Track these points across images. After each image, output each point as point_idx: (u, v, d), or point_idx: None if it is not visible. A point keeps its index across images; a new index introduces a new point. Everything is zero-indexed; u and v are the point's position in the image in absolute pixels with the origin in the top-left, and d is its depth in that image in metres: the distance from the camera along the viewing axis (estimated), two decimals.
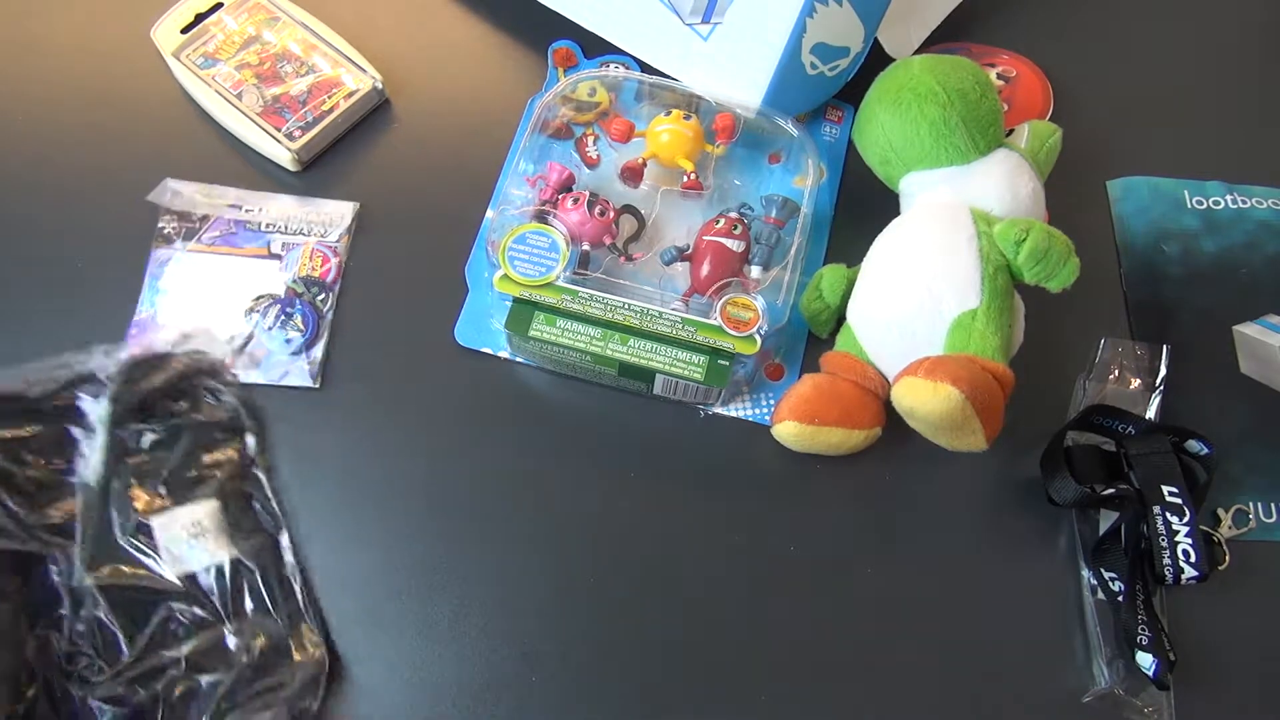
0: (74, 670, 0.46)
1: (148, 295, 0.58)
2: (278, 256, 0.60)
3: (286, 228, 0.60)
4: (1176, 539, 0.50)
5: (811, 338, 0.59)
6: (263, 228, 0.60)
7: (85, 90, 0.65)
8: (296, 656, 0.48)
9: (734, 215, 0.57)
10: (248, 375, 0.56)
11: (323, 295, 0.58)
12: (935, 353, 0.50)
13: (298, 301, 0.57)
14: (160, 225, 0.60)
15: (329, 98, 0.63)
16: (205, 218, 0.60)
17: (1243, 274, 0.62)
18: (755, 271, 0.57)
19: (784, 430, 0.53)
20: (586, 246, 0.56)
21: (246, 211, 0.60)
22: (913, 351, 0.51)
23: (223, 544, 0.49)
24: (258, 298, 0.58)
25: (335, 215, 0.61)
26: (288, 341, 0.57)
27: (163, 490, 0.50)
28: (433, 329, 0.58)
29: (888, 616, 0.52)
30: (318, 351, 0.57)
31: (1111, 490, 0.52)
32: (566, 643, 0.50)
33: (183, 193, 0.61)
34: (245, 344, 0.57)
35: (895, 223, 0.56)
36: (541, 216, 0.57)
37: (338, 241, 0.60)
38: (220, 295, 0.58)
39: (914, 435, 0.51)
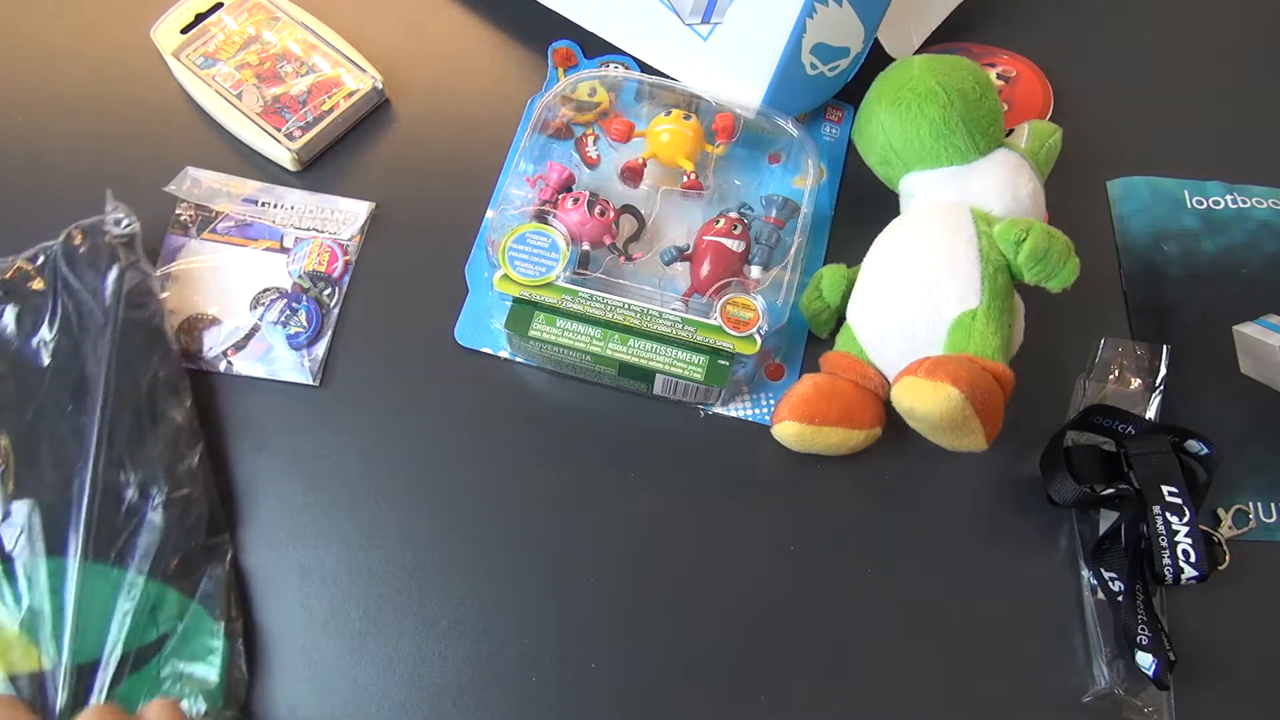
0: None
1: (158, 281, 0.58)
2: (289, 251, 0.60)
3: (301, 223, 0.60)
4: (1176, 539, 0.50)
5: (811, 338, 0.59)
6: (277, 221, 0.60)
7: (85, 90, 0.65)
8: None
9: (734, 215, 0.57)
10: (251, 369, 0.56)
11: (329, 290, 0.58)
12: (935, 353, 0.50)
13: (303, 298, 0.58)
14: (177, 212, 0.60)
15: (329, 98, 0.63)
16: (222, 209, 0.60)
17: (1243, 274, 0.62)
18: (755, 271, 0.57)
19: (784, 430, 0.53)
20: (586, 246, 0.56)
21: (263, 205, 0.61)
22: (913, 352, 0.51)
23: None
24: (264, 290, 0.58)
25: (350, 213, 0.61)
26: (290, 337, 0.57)
27: None
28: (433, 329, 0.58)
29: (887, 616, 0.52)
30: (319, 349, 0.57)
31: (1111, 490, 0.52)
32: (566, 643, 0.50)
33: (201, 181, 0.61)
34: (249, 336, 0.57)
35: (895, 223, 0.56)
36: (541, 216, 0.57)
37: (349, 240, 0.60)
38: (229, 285, 0.59)
39: (914, 435, 0.51)
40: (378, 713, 0.49)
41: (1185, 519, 0.50)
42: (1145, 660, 0.49)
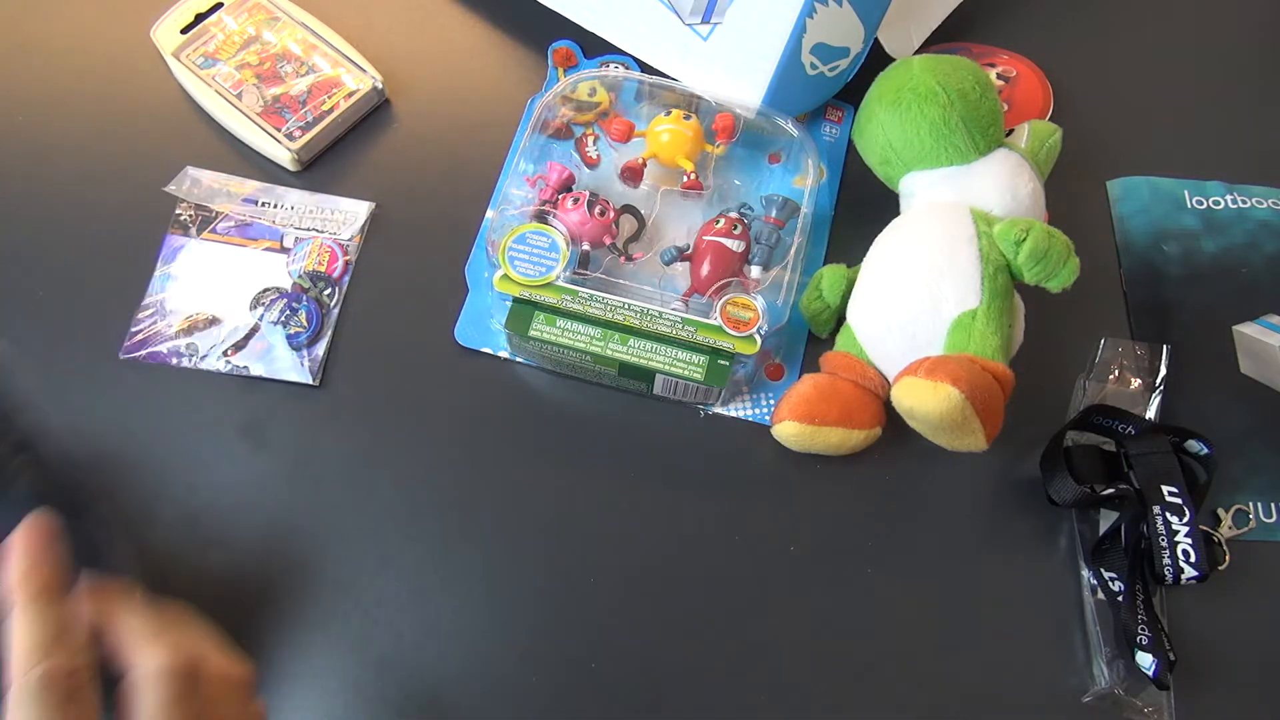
0: None
1: (158, 280, 0.58)
2: (289, 251, 0.60)
3: (301, 223, 0.60)
4: (1176, 539, 0.50)
5: (811, 338, 0.59)
6: (277, 221, 0.60)
7: (85, 90, 0.65)
8: None
9: (734, 215, 0.57)
10: (251, 369, 0.56)
11: (329, 290, 0.58)
12: (935, 353, 0.50)
13: (304, 298, 0.58)
14: (177, 212, 0.60)
15: (329, 98, 0.63)
16: (222, 209, 0.60)
17: (1243, 274, 0.62)
18: (755, 271, 0.57)
19: (784, 430, 0.53)
20: (586, 246, 0.56)
21: (263, 205, 0.61)
22: (913, 352, 0.51)
23: None
24: (264, 290, 0.58)
25: (350, 213, 0.61)
26: (290, 337, 0.57)
27: None
28: (433, 329, 0.58)
29: (887, 616, 0.52)
30: (319, 349, 0.57)
31: (1111, 490, 0.52)
32: (566, 643, 0.50)
33: (201, 181, 0.61)
34: (249, 336, 0.57)
35: (895, 223, 0.56)
36: (541, 216, 0.57)
37: (349, 240, 0.60)
38: (228, 285, 0.59)
39: (914, 435, 0.51)
40: (378, 713, 0.49)
41: (1185, 519, 0.50)
42: (1145, 660, 0.49)
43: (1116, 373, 0.57)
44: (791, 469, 0.55)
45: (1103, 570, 0.52)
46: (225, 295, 0.58)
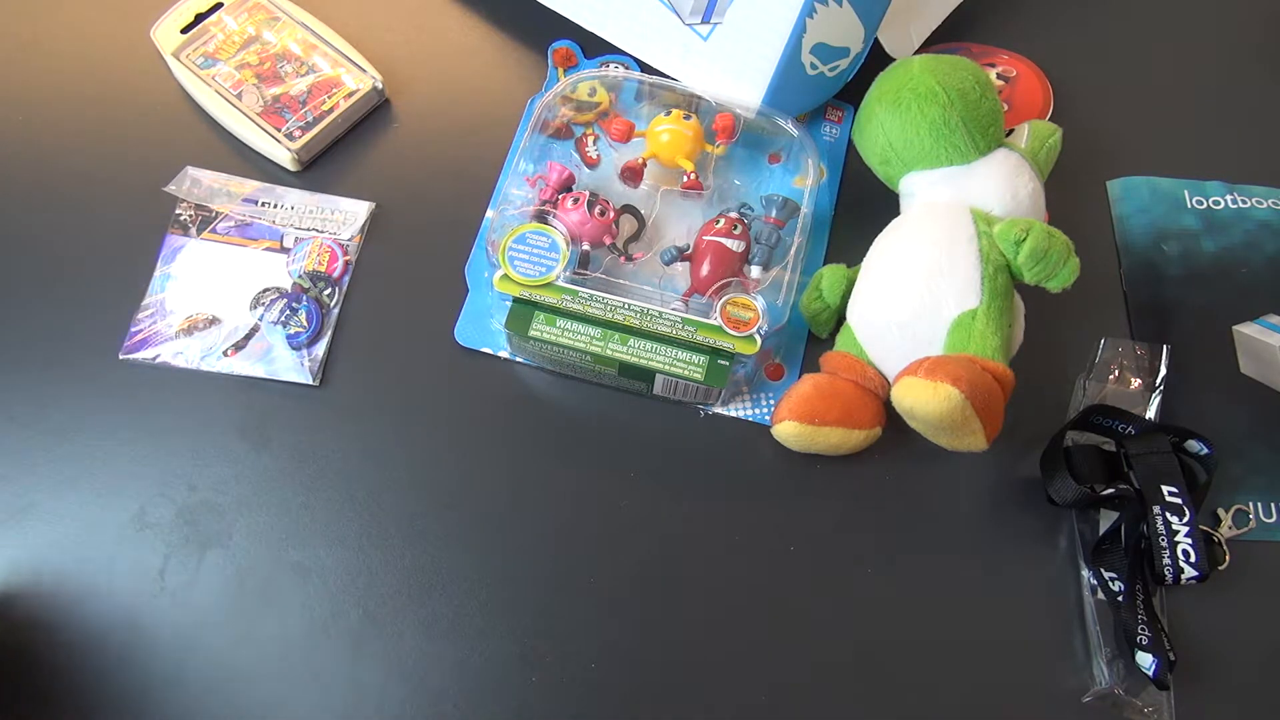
0: None
1: (158, 280, 0.58)
2: (289, 251, 0.60)
3: (301, 223, 0.60)
4: (1176, 539, 0.50)
5: (811, 338, 0.59)
6: (277, 222, 0.60)
7: (85, 90, 0.65)
8: None
9: (734, 215, 0.57)
10: (251, 369, 0.56)
11: (329, 290, 0.58)
12: (935, 353, 0.50)
13: (304, 298, 0.58)
14: (177, 212, 0.60)
15: (329, 98, 0.63)
16: (222, 209, 0.60)
17: (1243, 274, 0.62)
18: (755, 271, 0.57)
19: (784, 430, 0.53)
20: (586, 246, 0.56)
21: (263, 205, 0.61)
22: (913, 352, 0.51)
23: None
24: (264, 290, 0.58)
25: (350, 213, 0.61)
26: (290, 337, 0.57)
27: None
28: (433, 329, 0.58)
29: (887, 616, 0.52)
30: (319, 349, 0.57)
31: (1111, 490, 0.52)
32: (566, 643, 0.50)
33: (201, 181, 0.61)
34: (249, 336, 0.57)
35: (895, 223, 0.56)
36: (541, 216, 0.57)
37: (349, 240, 0.60)
38: (228, 285, 0.59)
39: (914, 435, 0.51)
40: (378, 713, 0.49)
41: (1185, 519, 0.50)
42: (1145, 660, 0.49)
43: (1116, 373, 0.57)
44: (791, 469, 0.55)
45: (1103, 570, 0.52)
46: (225, 295, 0.58)
